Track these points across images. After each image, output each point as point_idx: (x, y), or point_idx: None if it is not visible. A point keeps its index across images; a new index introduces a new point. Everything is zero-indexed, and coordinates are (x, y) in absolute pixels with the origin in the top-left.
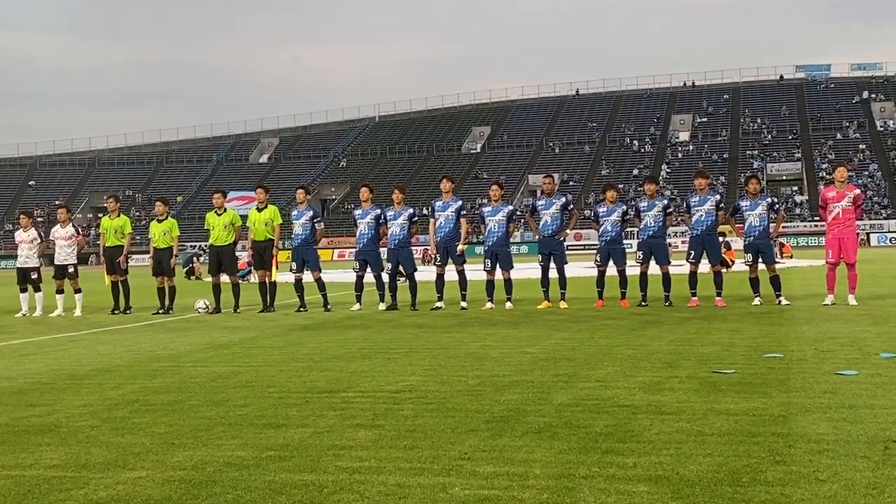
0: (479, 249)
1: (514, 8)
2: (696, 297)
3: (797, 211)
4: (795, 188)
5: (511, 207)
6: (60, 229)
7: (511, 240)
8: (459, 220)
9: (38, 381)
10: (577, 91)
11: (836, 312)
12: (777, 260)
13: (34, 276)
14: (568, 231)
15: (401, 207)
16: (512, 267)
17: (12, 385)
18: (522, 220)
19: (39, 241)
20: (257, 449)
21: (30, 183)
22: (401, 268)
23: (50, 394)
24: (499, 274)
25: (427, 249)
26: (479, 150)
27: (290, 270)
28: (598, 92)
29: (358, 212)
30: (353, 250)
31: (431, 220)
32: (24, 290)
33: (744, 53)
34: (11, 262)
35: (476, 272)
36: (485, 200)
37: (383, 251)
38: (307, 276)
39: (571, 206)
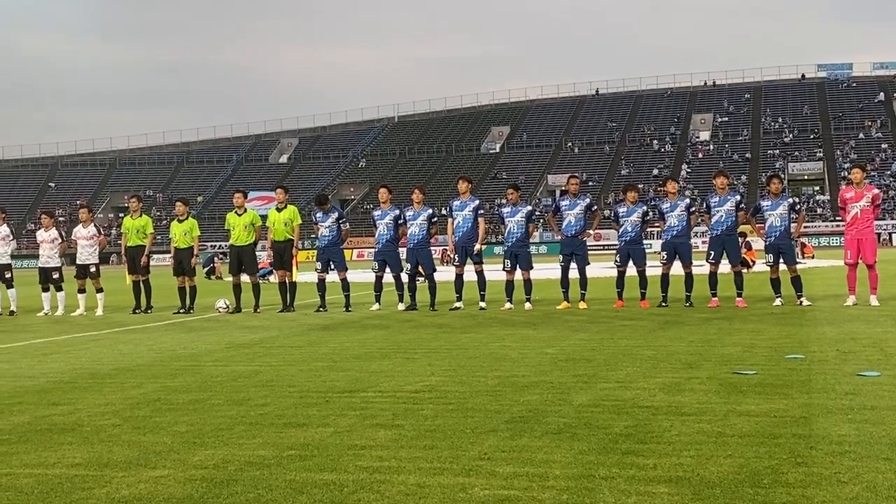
0: (498, 249)
1: (533, 7)
2: (716, 298)
3: (819, 211)
4: (817, 188)
5: (530, 208)
6: (82, 229)
7: (530, 240)
8: (477, 219)
9: (61, 379)
10: (597, 91)
11: (858, 313)
12: (798, 260)
13: (55, 275)
14: (591, 231)
15: (420, 207)
16: (531, 267)
17: (35, 384)
18: (542, 220)
19: (60, 240)
20: (278, 448)
21: (51, 183)
22: (420, 268)
23: (72, 393)
24: (518, 274)
25: (445, 249)
26: (497, 151)
27: (316, 270)
28: (617, 91)
29: (377, 212)
30: (373, 250)
31: (449, 220)
32: (45, 290)
33: (765, 52)
34: (33, 262)
35: (495, 272)
36: (503, 201)
37: (402, 251)
38: (331, 277)
39: (595, 207)
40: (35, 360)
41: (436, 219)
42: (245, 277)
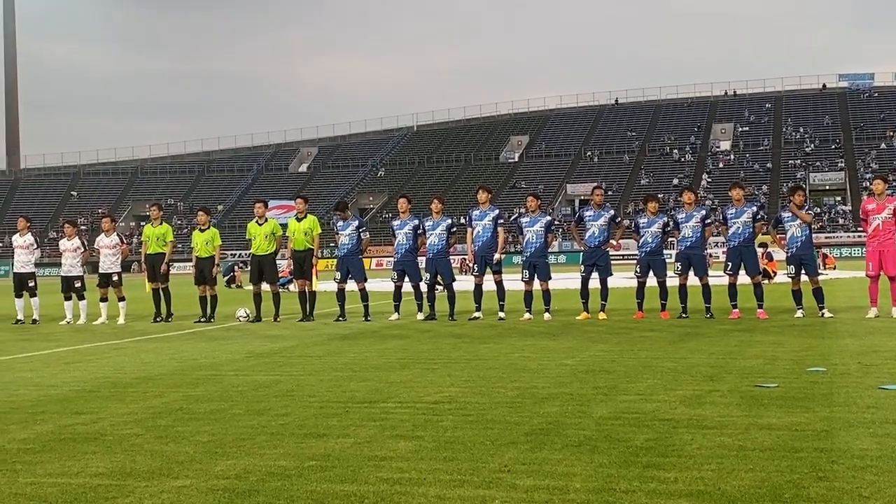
0: (517, 259)
1: (552, 17)
2: (737, 309)
3: (840, 221)
4: (839, 198)
5: (549, 218)
6: (105, 238)
7: (549, 250)
8: (497, 229)
9: (83, 388)
10: (617, 100)
11: (880, 325)
12: (820, 271)
13: (78, 284)
14: (614, 242)
15: (439, 217)
16: (550, 278)
17: (58, 393)
18: (561, 230)
19: (83, 249)
20: (299, 458)
21: (73, 192)
22: (439, 278)
23: (94, 402)
24: (536, 284)
25: (464, 259)
26: (516, 160)
27: (335, 280)
28: (637, 101)
29: (396, 222)
30: (392, 260)
31: (469, 230)
32: (68, 299)
33: (786, 62)
34: (55, 270)
35: (514, 282)
36: (522, 210)
37: (421, 260)
38: (350, 286)
39: (619, 218)
40: (58, 368)
41: (455, 228)
42: (265, 286)
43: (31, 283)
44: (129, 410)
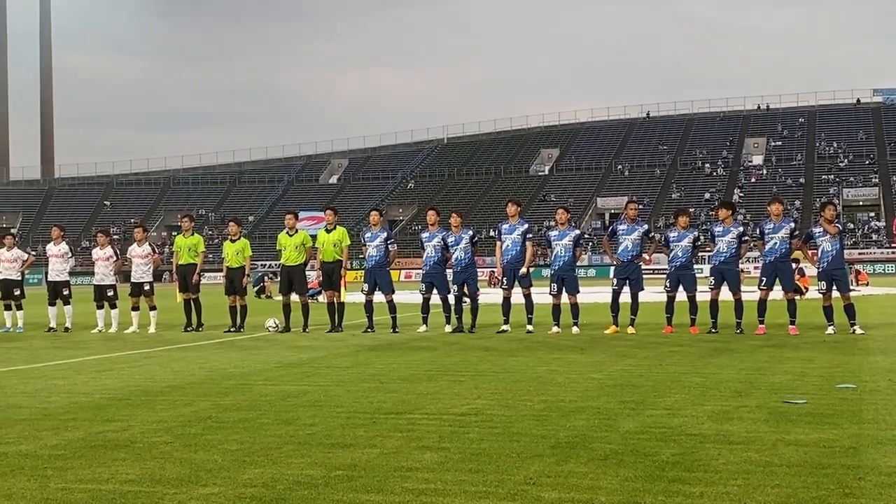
0: (546, 272)
1: (583, 29)
2: (763, 325)
3: (874, 237)
4: (872, 214)
5: (578, 231)
6: (137, 248)
7: (578, 263)
8: (525, 243)
9: (114, 396)
10: (648, 113)
11: None
12: (852, 287)
13: (110, 293)
14: (646, 256)
15: (460, 231)
16: (578, 291)
17: (89, 400)
18: (590, 244)
19: (115, 258)
20: (326, 468)
21: (106, 202)
22: (465, 287)
23: (125, 409)
24: (565, 298)
25: (493, 272)
26: (547, 173)
27: (362, 292)
28: (669, 114)
29: (425, 234)
30: (420, 271)
31: (498, 244)
32: (100, 307)
33: (819, 76)
34: (88, 279)
35: (542, 295)
36: (552, 223)
37: (449, 272)
38: (378, 297)
39: (652, 233)
40: (89, 376)
41: (476, 239)
42: (294, 297)
43: (66, 292)
44: (159, 418)
